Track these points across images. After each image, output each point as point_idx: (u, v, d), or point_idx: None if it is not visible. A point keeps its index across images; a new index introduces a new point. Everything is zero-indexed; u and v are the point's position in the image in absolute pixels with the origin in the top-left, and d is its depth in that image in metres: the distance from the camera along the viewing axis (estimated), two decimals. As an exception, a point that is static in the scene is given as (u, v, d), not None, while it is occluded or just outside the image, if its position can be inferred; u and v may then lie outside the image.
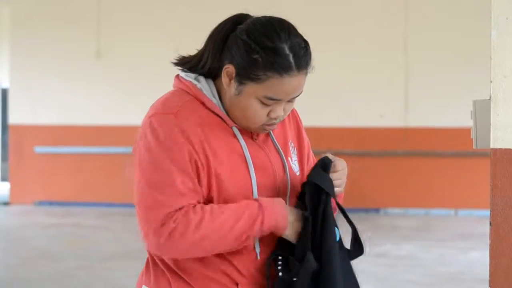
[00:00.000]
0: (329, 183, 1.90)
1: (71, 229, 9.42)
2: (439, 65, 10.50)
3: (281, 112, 1.89)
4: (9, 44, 12.01)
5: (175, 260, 1.91)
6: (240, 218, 1.83)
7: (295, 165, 2.03)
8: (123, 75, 11.25)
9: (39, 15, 11.54)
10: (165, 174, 1.83)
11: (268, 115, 1.88)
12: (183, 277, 1.91)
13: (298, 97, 1.91)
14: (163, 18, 11.16)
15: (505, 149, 1.92)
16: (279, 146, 2.00)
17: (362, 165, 10.48)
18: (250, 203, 1.85)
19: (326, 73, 10.49)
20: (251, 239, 1.85)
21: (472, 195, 10.27)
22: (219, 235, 1.82)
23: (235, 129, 1.92)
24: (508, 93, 1.92)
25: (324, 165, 1.92)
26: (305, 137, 2.13)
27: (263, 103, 1.86)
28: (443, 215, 10.47)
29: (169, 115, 1.86)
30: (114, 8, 11.35)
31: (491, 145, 1.94)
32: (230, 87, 1.89)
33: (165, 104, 1.91)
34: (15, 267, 7.14)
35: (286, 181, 1.97)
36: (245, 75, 1.84)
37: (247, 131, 1.94)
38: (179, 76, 1.98)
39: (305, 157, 2.10)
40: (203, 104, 1.91)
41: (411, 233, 9.13)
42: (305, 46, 1.86)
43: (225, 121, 1.92)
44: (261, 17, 1.90)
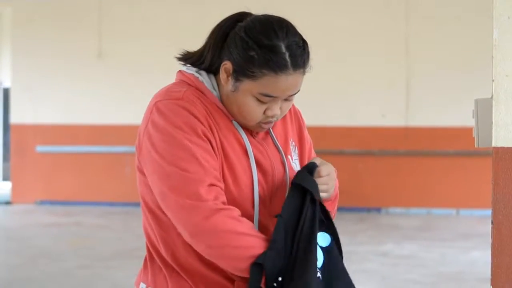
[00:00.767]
0: (314, 185, 1.89)
1: (72, 228, 9.43)
2: (441, 64, 10.50)
3: (277, 110, 1.90)
4: (11, 44, 12.03)
5: (173, 256, 1.91)
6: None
7: (295, 164, 2.03)
8: (124, 75, 11.26)
9: (40, 15, 11.55)
10: (186, 152, 1.81)
11: (264, 113, 1.89)
12: (180, 273, 1.91)
13: (295, 95, 1.91)
14: (164, 18, 11.17)
15: (507, 147, 1.92)
16: (279, 144, 2.00)
17: (363, 164, 10.48)
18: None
19: (327, 73, 10.50)
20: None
21: (473, 195, 10.27)
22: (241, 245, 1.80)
23: (235, 123, 1.93)
24: (510, 91, 1.92)
25: (308, 170, 1.92)
26: (307, 137, 2.13)
27: (259, 101, 1.87)
28: (444, 214, 10.47)
29: (175, 100, 1.87)
30: (115, 8, 11.36)
31: (493, 144, 1.94)
32: (227, 83, 1.90)
33: (168, 91, 1.92)
34: (17, 266, 7.15)
35: (285, 180, 1.97)
36: (241, 72, 1.85)
37: (246, 128, 1.95)
38: (181, 70, 2.00)
39: (306, 157, 2.09)
40: (204, 95, 1.93)
41: (412, 232, 9.12)
42: (303, 45, 1.87)
43: (225, 115, 1.93)
44: (261, 15, 1.92)
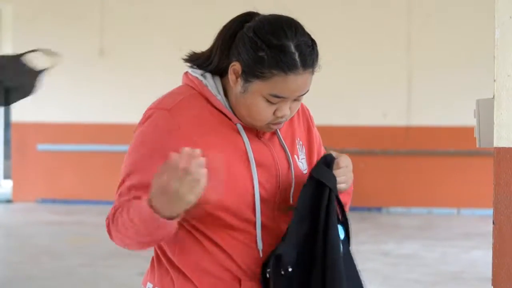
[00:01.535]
0: (332, 179, 1.90)
1: (73, 227, 9.43)
2: (442, 64, 10.49)
3: (287, 110, 1.89)
4: (12, 42, 12.02)
5: (179, 257, 1.92)
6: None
7: (302, 163, 2.02)
8: (126, 74, 11.25)
9: (42, 13, 11.54)
10: (137, 162, 1.89)
11: (274, 113, 1.88)
12: (187, 274, 1.91)
13: (304, 95, 1.91)
14: (166, 16, 11.16)
15: (509, 147, 1.92)
16: (285, 143, 2.00)
17: (365, 164, 10.47)
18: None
19: (329, 73, 10.45)
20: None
21: (475, 194, 10.26)
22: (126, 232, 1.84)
23: (239, 126, 1.92)
24: (511, 91, 1.92)
25: (326, 162, 1.92)
26: (316, 134, 2.12)
27: (268, 101, 1.86)
28: (445, 214, 10.47)
29: (163, 111, 1.88)
30: (117, 6, 11.35)
31: (495, 144, 1.94)
32: (236, 85, 1.89)
33: (163, 99, 1.93)
34: (18, 264, 7.15)
35: (290, 179, 1.97)
36: (250, 73, 1.84)
37: (252, 129, 1.94)
38: (187, 72, 1.99)
39: (315, 155, 2.09)
40: (207, 100, 1.92)
41: (413, 232, 9.12)
42: (312, 45, 1.86)
43: (229, 118, 1.92)
44: (269, 15, 1.91)
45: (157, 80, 9.28)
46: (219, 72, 1.94)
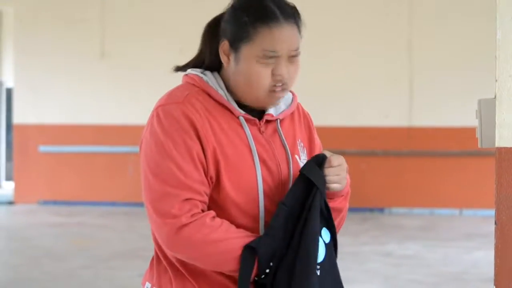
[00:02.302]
0: (319, 177, 1.90)
1: (75, 228, 9.43)
2: (443, 64, 10.49)
3: (283, 69, 1.90)
4: (14, 43, 12.04)
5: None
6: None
7: (302, 164, 2.03)
8: (128, 75, 11.26)
9: (43, 15, 11.56)
10: (171, 163, 1.85)
11: (272, 76, 1.90)
12: (185, 274, 1.92)
13: (298, 57, 1.92)
14: (167, 18, 11.17)
15: (510, 148, 1.92)
16: (286, 143, 2.01)
17: (366, 164, 10.48)
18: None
19: (330, 73, 10.49)
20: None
21: (477, 195, 10.26)
22: (219, 251, 1.84)
23: (242, 119, 1.94)
24: (513, 92, 1.92)
25: (318, 162, 1.92)
26: (317, 139, 2.14)
27: (263, 63, 1.88)
28: (447, 214, 10.46)
29: (174, 104, 1.90)
30: (118, 8, 11.36)
31: (496, 144, 1.94)
32: (229, 63, 1.93)
33: (170, 95, 1.95)
34: (19, 266, 7.15)
35: (290, 178, 1.97)
36: (237, 40, 1.89)
37: (254, 122, 1.96)
38: (186, 73, 2.02)
39: None
40: (209, 95, 1.94)
41: (415, 232, 9.12)
42: (291, 4, 1.93)
43: (232, 112, 1.94)
44: None
45: (158, 81, 9.24)
46: (216, 68, 1.98)
